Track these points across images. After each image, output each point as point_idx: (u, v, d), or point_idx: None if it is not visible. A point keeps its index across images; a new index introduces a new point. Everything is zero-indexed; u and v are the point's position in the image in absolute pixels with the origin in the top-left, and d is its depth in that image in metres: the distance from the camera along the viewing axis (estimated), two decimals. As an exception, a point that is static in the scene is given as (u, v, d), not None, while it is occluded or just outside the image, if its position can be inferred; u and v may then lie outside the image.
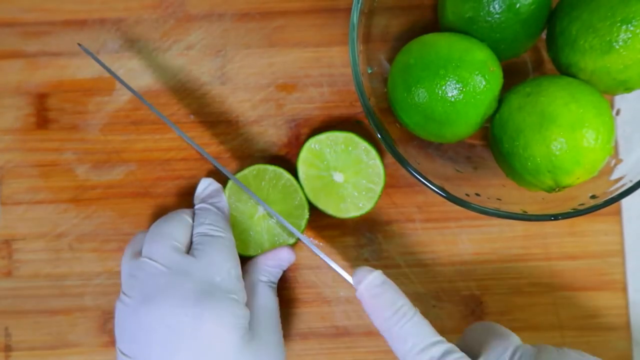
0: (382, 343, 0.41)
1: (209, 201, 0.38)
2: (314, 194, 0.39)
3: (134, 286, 0.33)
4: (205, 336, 0.32)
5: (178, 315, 0.32)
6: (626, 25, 0.31)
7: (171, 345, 0.32)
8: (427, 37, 0.35)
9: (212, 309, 0.32)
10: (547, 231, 0.41)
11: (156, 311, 0.32)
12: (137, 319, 0.33)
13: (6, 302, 0.41)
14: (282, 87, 0.42)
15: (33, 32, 0.42)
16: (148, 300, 0.32)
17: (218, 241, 0.35)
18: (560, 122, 0.32)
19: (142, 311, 0.32)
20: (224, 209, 0.38)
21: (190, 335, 0.32)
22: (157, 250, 0.34)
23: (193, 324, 0.32)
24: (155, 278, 0.33)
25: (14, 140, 0.42)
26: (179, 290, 0.33)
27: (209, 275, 0.33)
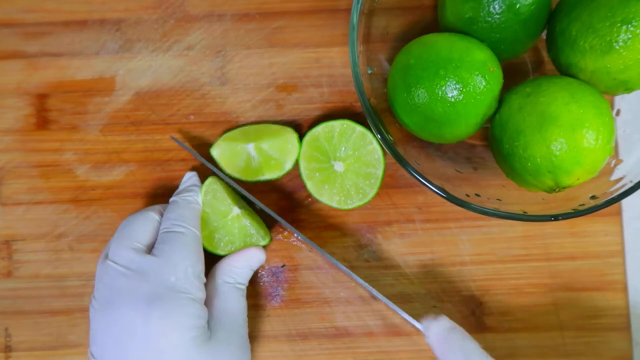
0: (382, 343, 0.41)
1: (181, 195, 0.38)
2: (317, 188, 0.39)
3: (99, 289, 0.34)
4: (155, 337, 0.32)
5: (130, 317, 0.33)
6: (626, 25, 0.31)
7: (124, 347, 0.33)
8: (427, 37, 0.35)
9: (162, 309, 0.33)
10: (547, 231, 0.41)
11: (112, 313, 0.33)
12: (99, 321, 0.34)
13: (6, 303, 0.41)
14: (282, 88, 0.42)
15: (33, 33, 0.42)
16: (107, 303, 0.33)
17: (179, 238, 0.35)
18: (560, 122, 0.32)
19: (103, 313, 0.33)
20: (195, 204, 0.38)
21: (141, 336, 0.32)
22: (118, 252, 0.35)
23: (143, 325, 0.32)
24: (116, 280, 0.34)
25: (14, 141, 0.42)
26: (134, 292, 0.33)
27: (164, 275, 0.34)
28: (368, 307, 0.41)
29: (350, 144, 0.39)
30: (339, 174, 0.39)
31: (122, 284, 0.34)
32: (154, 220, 0.37)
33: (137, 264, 0.34)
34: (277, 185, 0.41)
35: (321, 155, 0.39)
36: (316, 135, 0.39)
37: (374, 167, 0.39)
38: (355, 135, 0.39)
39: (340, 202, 0.39)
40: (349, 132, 0.39)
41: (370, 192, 0.39)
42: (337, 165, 0.39)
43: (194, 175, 0.40)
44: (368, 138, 0.39)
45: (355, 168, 0.39)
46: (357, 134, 0.39)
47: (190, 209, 0.37)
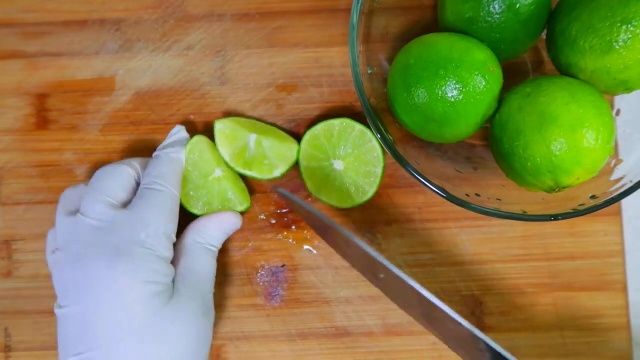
0: (382, 343, 0.41)
1: (166, 150, 0.38)
2: (317, 187, 0.39)
3: (69, 242, 0.34)
4: (120, 291, 0.33)
5: (98, 269, 0.33)
6: (626, 25, 0.31)
7: (91, 298, 0.33)
8: (427, 37, 0.35)
9: (127, 263, 0.33)
10: (547, 231, 0.41)
11: (82, 266, 0.33)
12: (68, 273, 0.34)
13: (6, 303, 0.41)
14: (282, 88, 0.42)
15: (33, 33, 0.42)
16: (78, 256, 0.34)
17: (156, 196, 0.35)
18: (560, 122, 0.32)
19: (73, 266, 0.34)
20: (177, 161, 0.38)
21: (106, 289, 0.33)
22: (92, 207, 0.34)
23: (109, 278, 0.33)
24: (88, 235, 0.34)
25: (14, 141, 0.42)
26: (103, 246, 0.33)
27: (135, 231, 0.34)
28: (368, 307, 0.41)
29: (349, 143, 0.39)
30: (338, 172, 0.39)
31: (93, 237, 0.34)
32: (129, 176, 0.36)
33: (109, 217, 0.34)
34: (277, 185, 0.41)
35: (321, 154, 0.39)
36: (316, 134, 0.39)
37: (374, 166, 0.39)
38: (355, 133, 0.39)
39: (340, 200, 0.39)
40: (348, 131, 0.39)
41: (370, 191, 0.39)
42: (337, 164, 0.39)
43: (182, 129, 0.39)
44: (367, 136, 0.39)
45: (355, 166, 0.39)
46: (356, 133, 0.39)
47: (172, 167, 0.37)
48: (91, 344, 0.33)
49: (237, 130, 0.39)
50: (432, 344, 0.41)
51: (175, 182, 0.37)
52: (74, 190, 0.37)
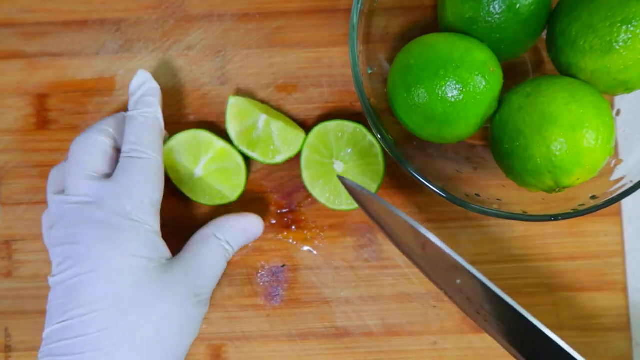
0: (382, 343, 0.41)
1: (141, 111, 0.36)
2: (312, 180, 0.39)
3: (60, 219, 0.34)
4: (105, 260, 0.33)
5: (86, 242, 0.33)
6: (626, 25, 0.31)
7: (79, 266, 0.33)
8: (427, 37, 0.35)
9: (115, 235, 0.33)
10: (547, 232, 0.41)
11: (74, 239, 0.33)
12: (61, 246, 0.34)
13: (6, 303, 0.41)
14: (282, 88, 0.42)
15: (33, 33, 0.42)
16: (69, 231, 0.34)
17: (138, 164, 0.35)
18: (560, 122, 0.32)
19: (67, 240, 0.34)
20: (154, 121, 0.37)
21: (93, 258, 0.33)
22: (74, 184, 0.34)
23: (96, 249, 0.33)
24: (75, 211, 0.34)
25: (14, 141, 0.42)
26: (91, 220, 0.33)
27: (119, 204, 0.34)
28: (368, 307, 0.41)
29: (356, 150, 0.39)
30: (336, 173, 0.39)
31: (81, 213, 0.34)
32: (104, 145, 0.36)
33: (93, 191, 0.34)
34: (277, 185, 0.41)
35: (325, 150, 0.39)
36: (327, 129, 0.39)
37: (371, 180, 0.39)
38: (365, 142, 0.39)
39: (329, 200, 0.39)
40: (359, 138, 0.39)
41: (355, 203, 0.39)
42: (337, 165, 0.39)
43: (149, 77, 0.38)
44: (375, 149, 0.39)
45: (353, 174, 0.39)
46: (366, 142, 0.39)
47: (151, 129, 0.36)
48: (72, 312, 0.32)
49: (249, 108, 0.39)
50: (432, 344, 0.41)
51: (156, 146, 0.36)
52: (58, 169, 0.37)
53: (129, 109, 0.37)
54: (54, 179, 0.37)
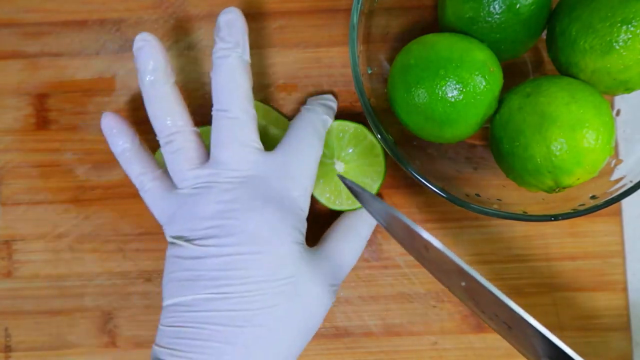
0: (382, 343, 0.41)
1: (320, 100, 0.38)
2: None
3: (209, 190, 0.33)
4: (275, 248, 0.33)
5: (246, 217, 0.32)
6: (626, 25, 0.31)
7: (235, 237, 0.32)
8: (427, 37, 0.35)
9: (279, 222, 0.33)
10: (547, 232, 0.41)
11: (231, 214, 0.33)
12: (211, 215, 0.33)
13: (6, 303, 0.41)
14: (282, 88, 0.42)
15: (33, 33, 0.42)
16: (225, 207, 0.33)
17: (303, 147, 0.35)
18: (560, 122, 0.32)
19: (220, 214, 0.33)
20: (326, 122, 0.37)
21: (261, 242, 0.32)
22: (232, 154, 0.33)
23: (261, 232, 0.32)
24: (232, 185, 0.33)
25: (14, 141, 0.42)
26: (252, 197, 0.33)
27: (287, 187, 0.34)
28: (368, 307, 0.41)
29: (357, 150, 0.39)
30: (336, 173, 0.39)
31: (239, 189, 0.33)
32: (256, 115, 0.35)
33: (258, 166, 0.34)
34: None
35: (326, 150, 0.39)
36: (329, 129, 0.39)
37: (372, 180, 0.39)
38: (366, 142, 0.39)
39: (329, 200, 0.39)
40: (360, 138, 0.39)
41: (356, 204, 0.39)
42: (338, 165, 0.39)
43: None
44: (377, 149, 0.39)
45: (354, 174, 0.39)
46: (367, 142, 0.39)
47: (322, 127, 0.37)
48: (236, 287, 0.32)
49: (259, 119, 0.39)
50: (432, 344, 0.41)
51: (323, 136, 0.37)
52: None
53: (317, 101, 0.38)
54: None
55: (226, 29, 0.34)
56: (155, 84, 0.34)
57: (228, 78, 0.34)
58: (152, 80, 0.34)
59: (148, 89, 0.34)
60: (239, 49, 0.34)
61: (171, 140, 0.34)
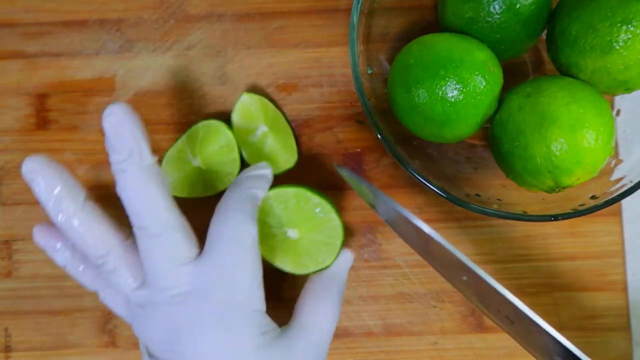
0: (382, 343, 0.41)
1: (249, 173, 0.34)
2: (270, 253, 0.36)
3: (153, 309, 0.31)
4: (216, 355, 0.30)
5: (203, 343, 0.30)
6: (626, 25, 0.31)
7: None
8: (427, 37, 0.35)
9: (227, 334, 0.30)
10: (548, 232, 0.41)
11: (180, 336, 0.30)
12: (162, 333, 0.31)
13: (6, 303, 0.41)
14: (282, 88, 0.42)
15: (33, 33, 0.42)
16: (169, 327, 0.30)
17: (234, 242, 0.31)
18: (560, 122, 0.32)
19: (169, 339, 0.30)
20: (256, 200, 0.33)
21: (200, 354, 0.30)
22: (164, 274, 0.30)
23: (211, 351, 0.30)
24: (170, 306, 0.30)
25: (14, 141, 0.42)
26: (193, 315, 0.30)
27: (228, 293, 0.30)
28: (368, 307, 0.41)
29: (304, 213, 0.36)
30: (293, 240, 0.37)
31: (178, 308, 0.30)
32: (183, 220, 0.31)
33: (191, 278, 0.30)
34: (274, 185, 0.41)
35: (272, 220, 0.36)
36: (267, 199, 0.36)
37: (333, 238, 0.36)
38: (311, 204, 0.36)
39: (295, 268, 0.37)
40: (304, 201, 0.36)
41: (327, 260, 0.36)
42: (291, 232, 0.36)
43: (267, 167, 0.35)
44: (326, 208, 0.36)
45: (311, 237, 0.36)
46: (313, 203, 0.36)
47: (249, 202, 0.32)
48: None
49: (256, 112, 0.39)
50: (432, 344, 0.41)
51: (254, 217, 0.32)
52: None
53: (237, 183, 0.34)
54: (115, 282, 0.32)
55: (113, 137, 0.29)
56: (63, 213, 0.30)
57: (135, 194, 0.30)
58: (58, 209, 0.30)
59: (57, 220, 0.30)
60: (134, 156, 0.29)
61: (103, 262, 0.31)
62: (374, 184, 0.36)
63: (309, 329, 0.33)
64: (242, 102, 0.40)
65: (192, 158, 0.39)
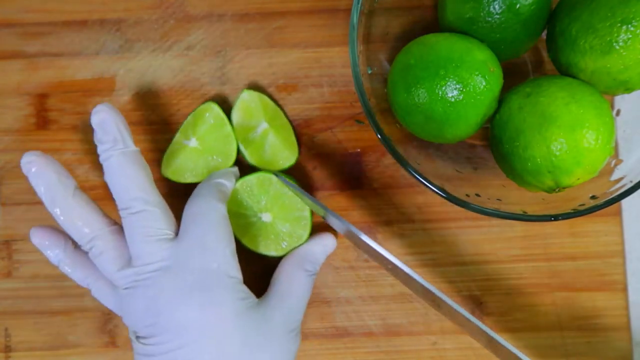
0: (382, 343, 0.41)
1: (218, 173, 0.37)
2: (253, 241, 0.38)
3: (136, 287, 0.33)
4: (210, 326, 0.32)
5: (179, 310, 0.32)
6: (626, 25, 0.31)
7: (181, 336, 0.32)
8: (427, 37, 0.35)
9: (213, 298, 0.32)
10: (547, 231, 0.41)
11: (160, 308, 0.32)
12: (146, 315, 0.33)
13: (6, 303, 0.41)
14: (282, 88, 0.42)
15: (33, 33, 0.42)
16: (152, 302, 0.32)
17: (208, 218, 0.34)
18: (560, 122, 0.32)
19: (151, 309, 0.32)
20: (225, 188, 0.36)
21: (195, 328, 0.32)
22: (143, 250, 0.33)
23: (194, 317, 0.32)
24: (153, 279, 0.33)
25: (14, 141, 0.42)
26: (175, 286, 0.32)
27: (205, 262, 0.33)
28: (368, 307, 0.41)
29: (271, 194, 0.38)
30: (268, 224, 0.38)
31: (160, 281, 0.32)
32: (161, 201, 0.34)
33: (170, 253, 0.33)
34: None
35: (245, 210, 0.38)
36: (236, 192, 0.38)
37: (301, 210, 0.38)
38: (274, 184, 0.38)
39: (277, 249, 0.38)
40: (267, 183, 0.38)
41: (304, 234, 0.38)
42: (265, 216, 0.38)
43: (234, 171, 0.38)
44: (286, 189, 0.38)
45: (283, 215, 0.38)
46: (274, 183, 0.38)
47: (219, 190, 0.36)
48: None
49: (256, 109, 0.39)
50: (432, 344, 0.41)
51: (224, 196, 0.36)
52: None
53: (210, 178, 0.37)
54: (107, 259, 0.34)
55: (100, 130, 0.33)
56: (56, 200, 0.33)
57: (118, 176, 0.33)
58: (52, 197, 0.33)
59: (51, 208, 0.34)
60: (119, 144, 0.33)
61: (92, 246, 0.34)
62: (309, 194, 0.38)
63: (285, 297, 0.36)
64: (242, 99, 0.40)
65: (187, 142, 0.39)
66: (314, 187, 0.41)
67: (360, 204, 0.41)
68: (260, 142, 0.39)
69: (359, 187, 0.41)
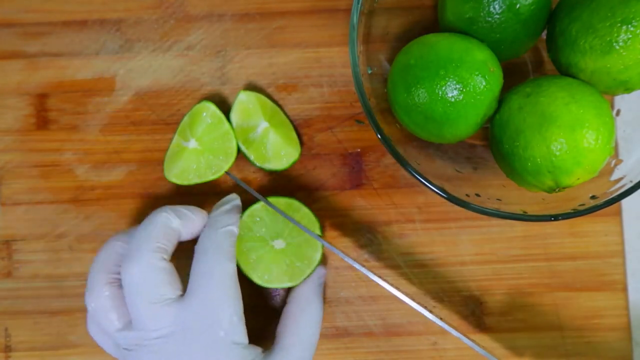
0: (382, 343, 0.41)
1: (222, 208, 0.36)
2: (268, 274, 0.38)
3: (138, 351, 0.32)
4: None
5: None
6: (626, 25, 0.31)
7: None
8: (427, 37, 0.35)
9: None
10: (548, 231, 0.41)
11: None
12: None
13: (6, 303, 0.41)
14: (282, 88, 0.42)
15: (33, 33, 0.42)
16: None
17: (216, 279, 0.33)
18: (560, 122, 0.32)
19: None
20: (232, 236, 0.35)
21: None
22: (145, 314, 0.32)
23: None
24: (156, 347, 0.32)
25: (14, 141, 0.42)
26: (178, 355, 0.32)
27: (212, 330, 0.32)
28: (368, 307, 0.41)
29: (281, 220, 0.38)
30: (281, 250, 0.38)
31: (164, 349, 0.31)
32: (165, 263, 0.33)
33: (174, 319, 0.32)
34: (275, 186, 0.41)
35: (255, 243, 0.38)
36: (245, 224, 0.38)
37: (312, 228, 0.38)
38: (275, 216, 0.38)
39: (291, 279, 0.38)
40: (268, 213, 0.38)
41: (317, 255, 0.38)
42: (277, 244, 0.38)
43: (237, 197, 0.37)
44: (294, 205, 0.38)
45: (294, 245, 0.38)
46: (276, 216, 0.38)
47: (227, 239, 0.34)
48: None
49: (255, 109, 0.40)
50: (432, 344, 0.41)
51: (232, 254, 0.34)
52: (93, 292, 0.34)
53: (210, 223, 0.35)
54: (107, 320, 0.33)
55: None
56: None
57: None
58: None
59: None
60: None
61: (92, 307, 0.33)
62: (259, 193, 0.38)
63: (291, 350, 0.35)
64: (240, 100, 0.40)
65: (187, 144, 0.39)
66: (314, 187, 0.41)
67: (360, 204, 0.41)
68: (262, 141, 0.39)
69: (359, 187, 0.41)
